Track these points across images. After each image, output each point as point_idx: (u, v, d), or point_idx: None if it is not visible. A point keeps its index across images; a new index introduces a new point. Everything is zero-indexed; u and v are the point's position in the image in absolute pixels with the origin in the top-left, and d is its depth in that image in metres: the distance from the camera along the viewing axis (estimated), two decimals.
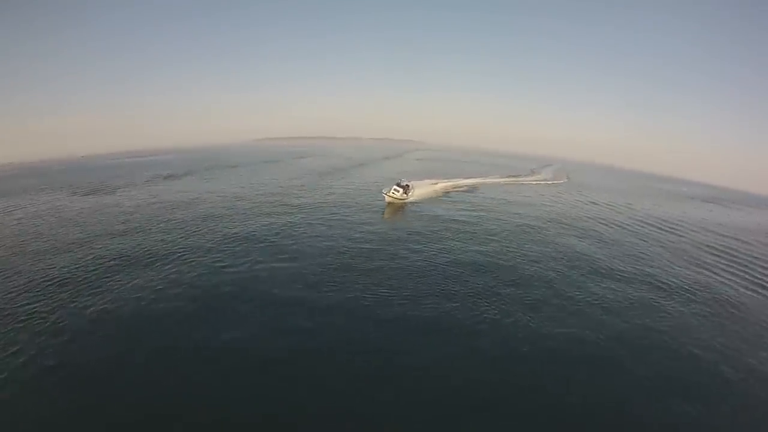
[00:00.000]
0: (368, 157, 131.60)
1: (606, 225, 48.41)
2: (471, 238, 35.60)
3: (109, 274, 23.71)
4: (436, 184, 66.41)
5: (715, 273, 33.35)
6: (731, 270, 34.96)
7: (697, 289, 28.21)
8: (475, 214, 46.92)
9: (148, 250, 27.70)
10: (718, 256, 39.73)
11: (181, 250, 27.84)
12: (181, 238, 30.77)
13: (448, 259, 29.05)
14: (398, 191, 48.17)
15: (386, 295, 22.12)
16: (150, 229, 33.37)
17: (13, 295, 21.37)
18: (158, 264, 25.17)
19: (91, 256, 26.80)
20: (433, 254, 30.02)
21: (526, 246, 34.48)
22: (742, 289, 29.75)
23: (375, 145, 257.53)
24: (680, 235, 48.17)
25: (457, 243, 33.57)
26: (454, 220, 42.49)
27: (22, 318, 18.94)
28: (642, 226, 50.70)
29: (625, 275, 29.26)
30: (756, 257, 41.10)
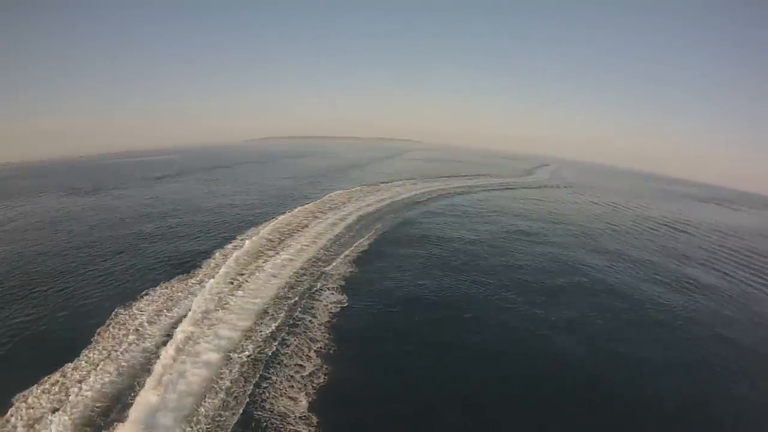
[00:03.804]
0: (359, 158, 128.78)
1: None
2: None
3: (103, 278, 24.99)
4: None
5: None
6: None
7: None
8: None
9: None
10: None
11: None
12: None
13: None
14: None
15: None
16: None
17: (9, 298, 21.92)
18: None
19: (90, 259, 27.98)
20: None
21: None
22: None
23: (371, 144, 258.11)
24: None
25: None
26: None
27: (20, 322, 19.13)
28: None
29: None
30: None
